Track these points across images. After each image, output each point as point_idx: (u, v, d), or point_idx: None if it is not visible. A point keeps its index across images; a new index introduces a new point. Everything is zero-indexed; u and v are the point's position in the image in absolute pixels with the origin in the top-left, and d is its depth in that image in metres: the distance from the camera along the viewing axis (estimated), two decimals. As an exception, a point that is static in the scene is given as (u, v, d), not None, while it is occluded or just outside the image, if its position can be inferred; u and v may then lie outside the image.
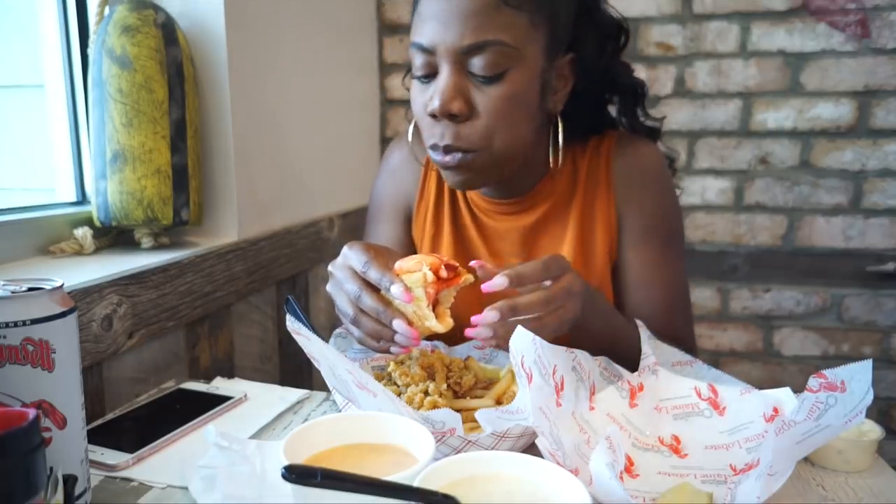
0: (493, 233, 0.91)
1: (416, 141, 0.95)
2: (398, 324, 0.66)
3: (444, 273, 0.66)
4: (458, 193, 0.93)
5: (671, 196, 0.90)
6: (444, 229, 0.93)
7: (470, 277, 0.69)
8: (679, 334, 0.85)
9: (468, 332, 0.64)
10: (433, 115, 0.75)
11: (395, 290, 0.65)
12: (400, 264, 0.68)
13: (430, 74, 0.76)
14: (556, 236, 0.88)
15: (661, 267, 0.86)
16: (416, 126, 0.92)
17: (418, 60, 0.76)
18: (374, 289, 0.68)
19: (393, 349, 0.69)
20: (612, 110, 0.93)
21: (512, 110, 0.75)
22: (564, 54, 0.80)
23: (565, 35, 0.79)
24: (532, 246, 0.89)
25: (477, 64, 0.73)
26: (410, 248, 0.98)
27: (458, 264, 0.68)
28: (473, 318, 0.63)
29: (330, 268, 0.72)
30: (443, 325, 0.67)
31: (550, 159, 0.84)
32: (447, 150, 0.76)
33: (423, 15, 0.75)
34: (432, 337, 0.85)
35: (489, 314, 0.62)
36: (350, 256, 0.69)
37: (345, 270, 0.69)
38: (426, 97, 0.77)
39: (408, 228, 0.98)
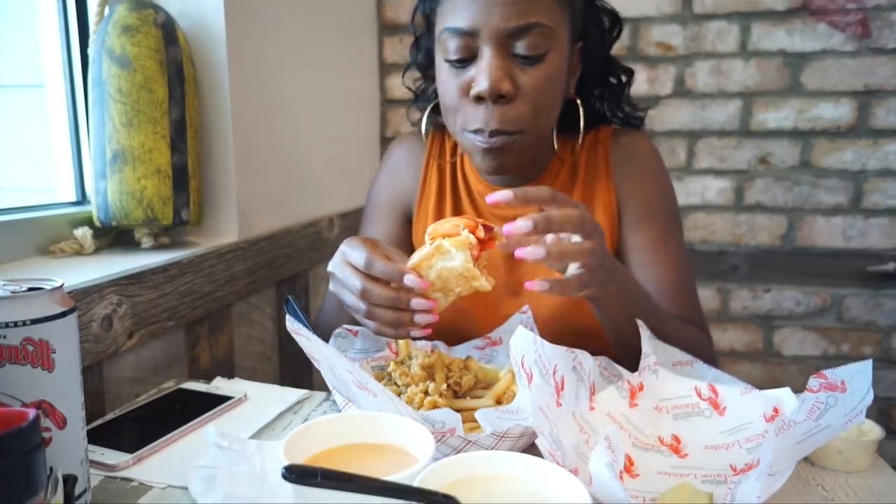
0: (496, 223, 0.91)
1: (417, 136, 0.98)
2: (417, 301, 0.66)
3: (481, 233, 0.67)
4: (461, 186, 0.95)
5: (667, 180, 0.93)
6: None
7: (503, 239, 0.68)
8: (688, 312, 0.86)
9: (519, 252, 0.61)
10: (478, 98, 0.76)
11: (410, 280, 0.65)
12: (435, 227, 0.68)
13: (467, 59, 0.77)
14: None
15: (663, 246, 0.88)
16: (419, 117, 0.93)
17: (453, 45, 0.77)
18: (377, 279, 0.68)
19: (414, 333, 0.69)
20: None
21: (551, 91, 0.79)
22: (577, 42, 0.84)
23: (580, 22, 0.83)
24: None
25: (521, 45, 0.75)
26: (407, 246, 0.98)
27: (493, 225, 0.69)
28: (506, 228, 0.60)
29: (329, 268, 0.72)
30: (489, 284, 0.68)
31: (555, 144, 0.88)
32: (493, 133, 0.77)
33: (457, 0, 0.76)
34: (432, 337, 0.86)
35: (521, 222, 0.59)
36: (349, 254, 0.69)
37: (346, 268, 0.69)
38: (462, 81, 0.78)
39: (405, 226, 0.99)
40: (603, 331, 0.87)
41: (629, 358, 0.74)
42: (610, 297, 0.71)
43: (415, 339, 0.72)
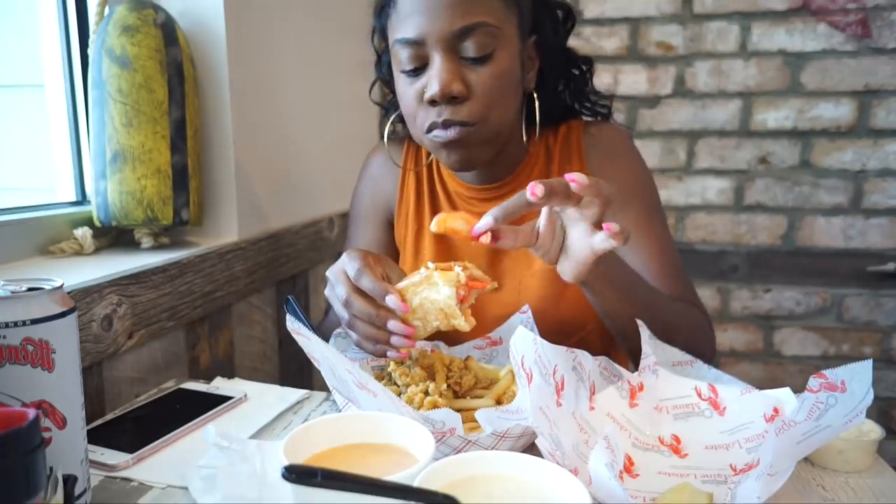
0: (474, 223, 0.91)
1: (392, 145, 0.99)
2: (393, 324, 0.68)
3: (467, 284, 0.68)
4: (438, 188, 0.96)
5: (642, 164, 0.93)
6: (426, 225, 0.95)
7: (494, 284, 0.71)
8: (680, 292, 0.85)
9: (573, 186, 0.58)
10: (432, 102, 0.78)
11: (391, 301, 0.67)
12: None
13: (419, 67, 0.79)
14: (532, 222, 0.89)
15: (648, 229, 0.87)
16: (391, 129, 0.95)
17: (405, 55, 0.79)
18: (367, 296, 0.70)
19: (390, 353, 0.70)
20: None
21: (502, 87, 0.79)
22: (529, 36, 0.85)
23: (529, 17, 0.84)
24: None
25: (468, 47, 0.77)
26: (392, 251, 1.00)
27: (483, 280, 0.70)
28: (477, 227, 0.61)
29: (327, 272, 0.74)
30: (468, 325, 0.69)
31: (525, 139, 0.89)
32: (447, 124, 0.78)
33: (402, 11, 0.78)
34: (432, 337, 0.85)
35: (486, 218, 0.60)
36: (345, 262, 0.71)
37: (338, 274, 0.71)
38: (417, 88, 0.80)
39: (388, 231, 1.01)
40: (583, 323, 0.87)
41: (629, 343, 0.74)
42: (600, 273, 0.68)
43: (392, 359, 0.74)
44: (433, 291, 0.67)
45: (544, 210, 0.65)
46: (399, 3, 0.79)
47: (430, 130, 0.80)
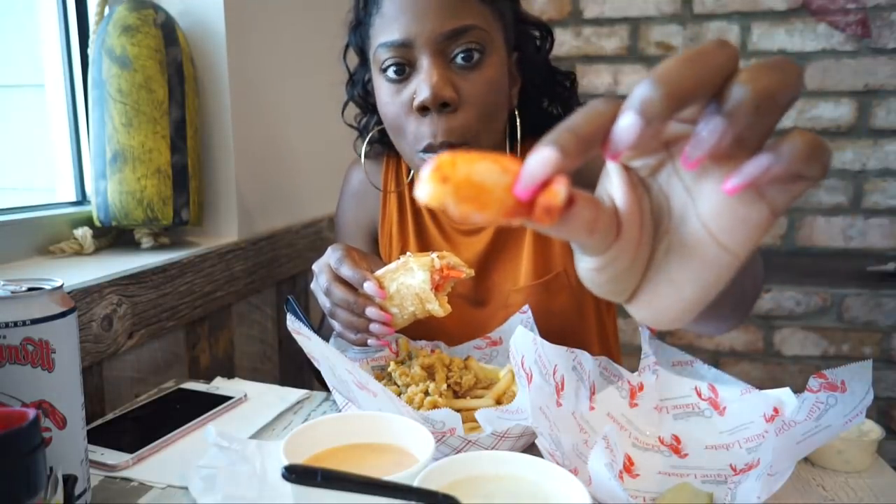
0: (459, 239, 0.91)
1: (370, 163, 0.96)
2: (371, 310, 0.69)
3: (442, 270, 0.69)
4: (421, 205, 0.92)
5: None
6: (411, 245, 0.92)
7: (471, 272, 0.71)
8: None
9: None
10: (422, 109, 0.74)
11: (368, 287, 0.68)
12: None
13: (405, 74, 0.75)
14: (517, 237, 0.88)
15: None
16: (367, 150, 0.91)
17: (390, 60, 0.75)
18: (347, 285, 0.71)
19: (370, 342, 0.71)
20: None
21: (494, 97, 0.76)
22: (512, 53, 0.82)
23: (513, 33, 0.81)
24: (498, 246, 0.89)
25: (458, 50, 0.73)
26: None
27: (459, 269, 0.71)
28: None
29: (313, 266, 0.75)
30: (442, 310, 0.69)
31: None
32: (443, 146, 0.74)
33: (388, 14, 0.75)
34: (433, 337, 0.86)
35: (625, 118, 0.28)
36: (329, 255, 0.72)
37: (322, 266, 0.72)
38: (404, 97, 0.75)
39: (375, 246, 0.99)
40: (569, 341, 0.85)
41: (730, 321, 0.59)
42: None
43: (374, 346, 0.75)
44: (409, 277, 0.68)
45: (613, 171, 0.33)
46: (384, 4, 0.75)
47: (424, 150, 0.76)
